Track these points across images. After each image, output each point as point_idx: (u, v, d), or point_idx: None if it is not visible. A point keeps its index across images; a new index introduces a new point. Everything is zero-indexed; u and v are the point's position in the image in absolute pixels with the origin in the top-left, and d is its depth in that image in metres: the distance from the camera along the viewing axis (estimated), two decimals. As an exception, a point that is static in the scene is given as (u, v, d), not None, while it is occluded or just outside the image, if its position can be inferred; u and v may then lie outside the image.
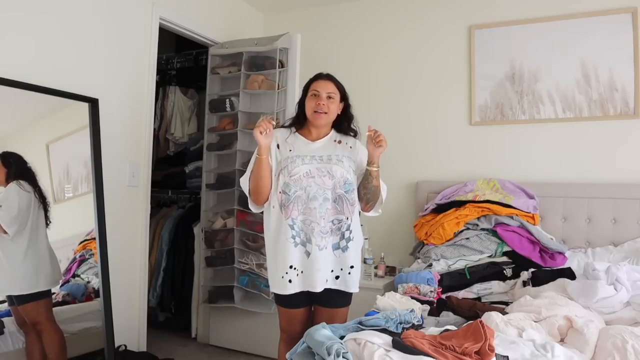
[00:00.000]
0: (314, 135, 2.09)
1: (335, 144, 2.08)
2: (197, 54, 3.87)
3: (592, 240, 2.89)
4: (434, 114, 3.40)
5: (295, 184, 1.97)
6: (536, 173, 3.10)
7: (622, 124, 2.94)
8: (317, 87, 2.04)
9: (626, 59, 2.92)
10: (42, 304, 2.29)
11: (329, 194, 1.99)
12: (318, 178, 1.98)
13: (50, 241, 2.33)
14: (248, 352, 3.26)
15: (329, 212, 1.98)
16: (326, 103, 2.02)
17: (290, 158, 2.00)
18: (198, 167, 3.64)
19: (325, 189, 1.98)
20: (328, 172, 1.99)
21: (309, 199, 1.97)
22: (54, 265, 2.34)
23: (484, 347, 1.35)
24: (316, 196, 1.97)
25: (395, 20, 3.54)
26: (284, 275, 1.98)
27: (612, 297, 2.01)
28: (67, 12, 2.47)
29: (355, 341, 1.44)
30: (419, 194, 3.30)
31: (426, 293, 2.28)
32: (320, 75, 2.11)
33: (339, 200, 2.00)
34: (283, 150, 2.04)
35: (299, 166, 1.98)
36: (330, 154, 2.03)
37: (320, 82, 2.06)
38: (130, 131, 2.86)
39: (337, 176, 2.00)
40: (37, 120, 2.38)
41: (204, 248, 3.34)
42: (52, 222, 2.32)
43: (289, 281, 1.97)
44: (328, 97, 2.03)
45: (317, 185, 1.98)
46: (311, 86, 2.07)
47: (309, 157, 2.01)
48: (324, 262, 1.97)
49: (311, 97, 2.04)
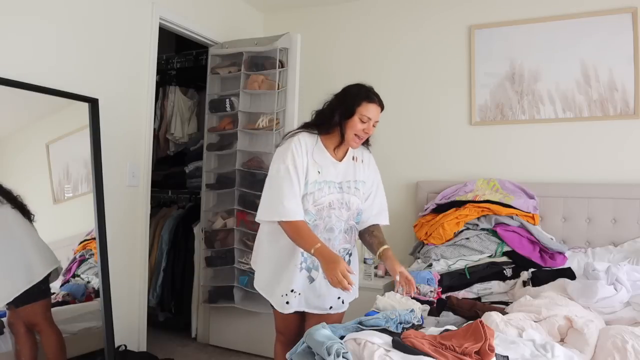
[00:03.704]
0: (339, 152, 1.97)
1: (354, 163, 1.99)
2: (197, 54, 3.87)
3: (592, 240, 2.89)
4: (434, 114, 3.40)
5: (317, 214, 1.89)
6: (536, 173, 3.10)
7: (622, 124, 2.94)
8: (369, 114, 1.87)
9: (626, 59, 2.92)
10: (39, 305, 2.26)
11: (343, 226, 1.95)
12: (337, 210, 1.93)
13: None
14: (248, 352, 3.26)
15: (339, 241, 1.95)
16: (370, 132, 1.92)
17: (318, 184, 1.89)
18: (198, 167, 3.65)
19: (341, 221, 1.94)
20: (346, 204, 1.94)
21: (325, 229, 1.91)
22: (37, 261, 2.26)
23: (484, 347, 1.35)
24: (333, 228, 1.92)
25: (395, 20, 3.54)
26: (283, 296, 1.93)
27: (612, 297, 2.01)
28: (67, 12, 2.47)
29: (355, 341, 1.44)
30: (419, 194, 3.30)
31: (426, 293, 2.28)
32: (373, 98, 1.90)
33: (349, 230, 1.99)
34: (312, 169, 1.89)
35: (325, 196, 1.90)
36: (350, 180, 1.96)
37: (373, 108, 1.89)
38: (130, 131, 2.86)
39: (353, 208, 1.96)
40: (37, 120, 2.38)
41: (204, 248, 3.34)
42: (35, 214, 2.24)
43: (286, 302, 1.93)
44: (374, 124, 1.92)
45: (336, 217, 1.92)
46: (362, 107, 1.86)
47: (334, 185, 1.92)
48: (329, 290, 1.91)
49: (359, 120, 1.87)
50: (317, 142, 1.93)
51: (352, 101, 1.87)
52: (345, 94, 1.91)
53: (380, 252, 1.97)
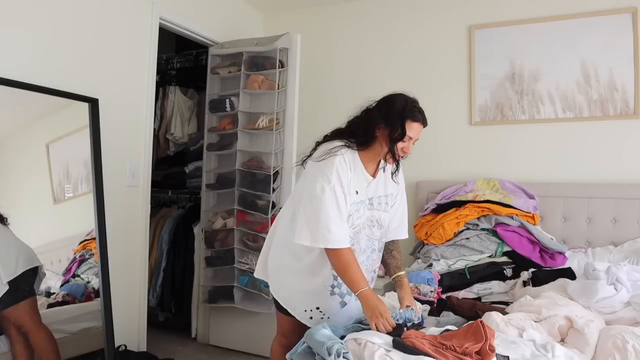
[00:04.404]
0: (373, 168, 1.83)
1: (384, 176, 1.86)
2: (197, 54, 3.86)
3: (592, 240, 2.89)
4: (434, 114, 3.36)
5: (353, 237, 1.75)
6: (536, 173, 3.10)
7: (622, 124, 2.94)
8: (413, 134, 1.73)
9: (626, 59, 2.92)
10: (23, 305, 2.21)
11: (376, 245, 1.84)
12: (368, 229, 1.81)
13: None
14: (248, 352, 3.26)
15: (374, 262, 1.86)
16: (410, 150, 1.79)
17: (356, 204, 1.75)
18: (198, 167, 3.64)
19: (374, 240, 1.83)
20: (377, 221, 1.82)
21: (360, 252, 1.79)
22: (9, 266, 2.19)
23: (485, 347, 1.35)
24: (365, 249, 1.81)
25: (395, 20, 3.54)
26: (306, 310, 1.82)
27: (612, 297, 2.01)
28: (67, 12, 2.46)
29: (355, 341, 1.44)
30: (419, 194, 3.30)
31: (426, 293, 2.28)
32: (419, 117, 1.74)
33: (381, 249, 1.89)
34: (352, 188, 1.73)
35: (361, 217, 1.77)
36: (380, 195, 1.84)
37: (417, 127, 1.74)
38: (130, 131, 2.86)
39: (385, 225, 1.86)
40: (37, 120, 2.38)
41: (204, 248, 3.34)
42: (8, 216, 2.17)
43: (310, 317, 1.83)
44: (414, 142, 1.79)
45: (367, 237, 1.81)
46: (408, 127, 1.71)
47: (367, 203, 1.79)
48: (360, 310, 1.76)
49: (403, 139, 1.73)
50: (355, 157, 1.76)
51: (397, 117, 1.71)
52: (389, 108, 1.73)
53: (396, 277, 1.89)
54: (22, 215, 2.24)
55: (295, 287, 1.84)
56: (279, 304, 1.89)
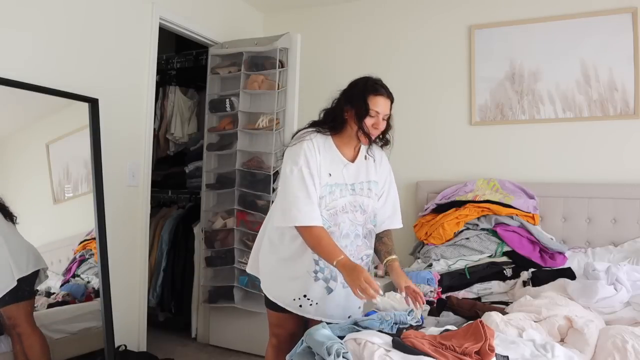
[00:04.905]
0: (349, 152, 1.88)
1: (365, 163, 1.90)
2: (197, 54, 3.86)
3: (592, 240, 2.89)
4: (434, 114, 3.40)
5: (330, 219, 1.79)
6: (536, 173, 3.10)
7: (622, 124, 2.94)
8: (377, 107, 1.78)
9: (626, 59, 2.92)
10: (22, 306, 2.21)
11: (360, 230, 1.86)
12: (351, 213, 1.83)
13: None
14: (248, 352, 3.26)
15: (359, 248, 1.86)
16: (381, 127, 1.82)
17: (329, 186, 1.79)
18: (198, 167, 3.64)
19: (357, 225, 1.85)
20: (360, 206, 1.85)
21: (341, 236, 1.81)
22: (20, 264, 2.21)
23: (484, 347, 1.35)
24: (349, 233, 1.83)
25: (395, 20, 3.54)
26: (295, 299, 1.85)
27: (612, 297, 2.01)
28: (67, 12, 2.47)
29: (355, 341, 1.44)
30: (419, 194, 3.30)
31: (426, 293, 2.28)
32: (381, 90, 1.81)
33: (369, 235, 1.90)
34: (323, 170, 1.79)
35: (337, 199, 1.80)
36: (363, 181, 1.87)
37: (381, 101, 1.80)
38: (130, 131, 2.86)
39: (369, 211, 1.87)
40: (37, 120, 2.38)
41: (204, 248, 3.34)
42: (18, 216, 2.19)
43: (299, 306, 1.86)
44: (384, 118, 1.82)
45: (350, 221, 1.83)
46: (371, 101, 1.77)
47: (345, 187, 1.83)
48: (349, 299, 1.82)
49: (369, 116, 1.78)
50: (328, 142, 1.84)
51: (359, 96, 1.79)
52: (352, 89, 1.83)
53: (387, 262, 1.90)
54: (22, 215, 2.24)
55: (283, 277, 1.89)
56: (269, 300, 1.94)
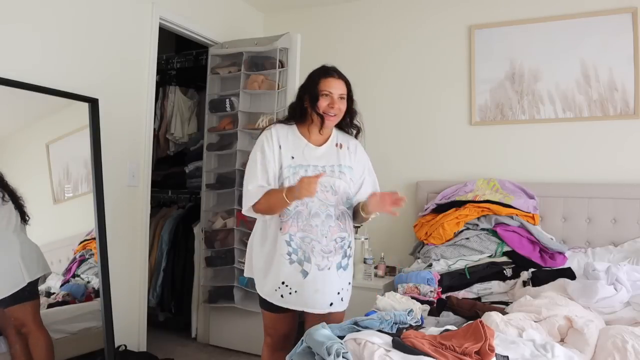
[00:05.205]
0: (316, 138, 1.96)
1: (337, 150, 1.96)
2: (197, 54, 3.87)
3: (592, 240, 2.89)
4: (434, 114, 3.40)
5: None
6: (536, 173, 3.10)
7: (622, 124, 2.94)
8: (329, 88, 1.88)
9: (626, 59, 2.92)
10: (28, 306, 2.23)
11: (332, 211, 1.89)
12: (321, 193, 1.86)
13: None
14: (248, 352, 3.26)
15: (332, 229, 1.89)
16: (338, 105, 1.90)
17: (293, 168, 1.87)
18: (198, 167, 3.65)
19: (328, 206, 1.88)
20: (331, 187, 1.89)
21: (310, 215, 1.86)
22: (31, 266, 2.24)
23: (484, 347, 1.35)
24: (318, 213, 1.87)
25: (395, 20, 3.54)
26: (276, 289, 1.89)
27: (612, 297, 2.01)
28: (67, 12, 2.47)
29: (355, 341, 1.44)
30: (419, 194, 3.30)
31: (426, 293, 2.28)
32: (330, 72, 1.93)
33: (342, 217, 1.92)
34: (285, 154, 1.90)
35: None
36: (333, 165, 1.93)
37: (332, 81, 1.90)
38: (130, 131, 2.86)
39: (340, 192, 1.91)
40: (37, 120, 2.38)
41: (204, 248, 3.34)
42: (30, 217, 2.23)
43: (281, 296, 1.89)
44: (340, 97, 1.90)
45: (319, 200, 1.86)
46: (321, 84, 1.89)
47: (311, 168, 1.89)
48: (326, 283, 1.87)
49: (322, 97, 1.88)
50: (292, 130, 1.95)
51: (311, 83, 1.92)
52: (306, 79, 1.97)
53: (360, 205, 1.94)
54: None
55: (265, 268, 1.94)
56: (262, 299, 1.98)
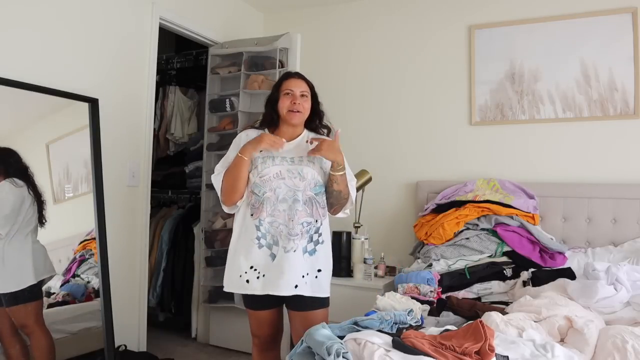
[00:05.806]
0: (287, 136, 2.04)
1: (307, 145, 2.02)
2: (197, 54, 3.87)
3: (592, 240, 2.89)
4: (434, 114, 3.40)
5: (264, 185, 1.94)
6: (536, 173, 3.10)
7: (622, 124, 2.94)
8: (290, 87, 2.01)
9: (626, 59, 2.92)
10: (32, 306, 2.24)
11: (300, 196, 1.95)
12: (288, 179, 1.95)
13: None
14: (248, 352, 3.24)
15: (299, 213, 1.94)
16: (300, 102, 2.00)
17: (261, 158, 1.97)
18: (198, 167, 3.65)
19: (296, 191, 1.95)
20: (299, 174, 1.97)
21: (278, 200, 1.94)
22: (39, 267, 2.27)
23: (484, 347, 1.35)
24: (285, 198, 1.94)
25: (395, 20, 3.54)
26: (242, 275, 1.94)
27: (612, 297, 2.01)
28: (67, 12, 2.47)
29: (355, 341, 1.44)
30: (419, 194, 3.30)
31: (426, 293, 2.28)
32: (291, 74, 2.09)
33: (309, 202, 1.97)
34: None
35: (269, 167, 1.96)
36: (302, 155, 2.00)
37: (292, 80, 2.04)
38: (130, 131, 2.86)
39: (308, 178, 1.97)
40: (37, 120, 2.38)
41: (204, 248, 3.34)
42: (47, 221, 2.29)
43: (246, 281, 1.93)
44: (301, 95, 2.01)
45: (287, 186, 1.95)
46: (283, 85, 2.04)
47: (279, 158, 1.98)
48: (291, 265, 1.91)
49: (284, 96, 2.01)
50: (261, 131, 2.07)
51: (275, 88, 2.08)
52: (272, 87, 2.12)
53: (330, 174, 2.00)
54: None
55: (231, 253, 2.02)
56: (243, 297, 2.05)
